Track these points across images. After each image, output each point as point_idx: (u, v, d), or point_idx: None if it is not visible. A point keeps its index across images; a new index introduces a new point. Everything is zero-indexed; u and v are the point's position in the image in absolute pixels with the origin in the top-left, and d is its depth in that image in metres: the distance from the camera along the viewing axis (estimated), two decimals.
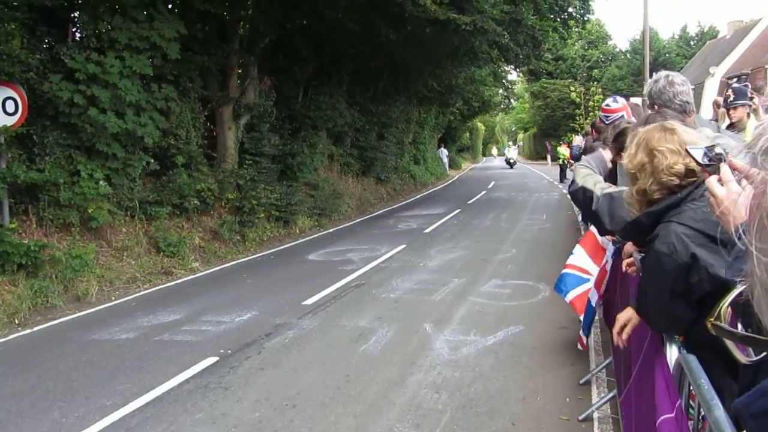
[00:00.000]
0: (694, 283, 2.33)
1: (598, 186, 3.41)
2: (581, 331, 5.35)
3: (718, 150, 1.59)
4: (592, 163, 3.71)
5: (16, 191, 9.70)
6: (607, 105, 6.17)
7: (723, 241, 2.20)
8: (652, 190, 2.51)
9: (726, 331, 0.82)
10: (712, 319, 0.87)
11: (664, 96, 3.81)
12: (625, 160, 2.65)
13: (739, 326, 1.03)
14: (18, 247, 8.73)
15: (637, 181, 2.57)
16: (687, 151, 1.78)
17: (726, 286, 2.05)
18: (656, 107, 3.92)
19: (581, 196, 3.59)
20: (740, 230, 0.52)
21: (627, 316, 2.89)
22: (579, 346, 5.52)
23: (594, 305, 5.21)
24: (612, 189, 3.40)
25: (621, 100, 6.20)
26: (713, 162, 1.59)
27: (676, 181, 2.46)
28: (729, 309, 0.97)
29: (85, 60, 10.35)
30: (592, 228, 5.17)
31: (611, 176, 4.36)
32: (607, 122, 6.00)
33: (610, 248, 4.90)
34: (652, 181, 2.51)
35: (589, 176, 3.51)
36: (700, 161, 1.66)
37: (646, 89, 3.82)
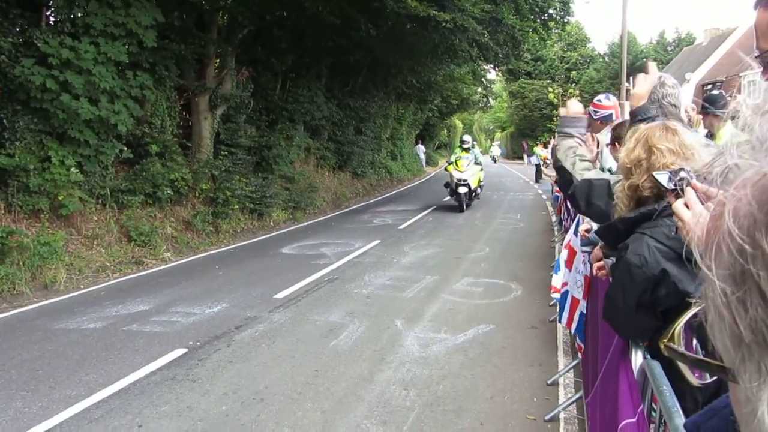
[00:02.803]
0: (662, 296, 2.35)
1: (578, 167, 3.37)
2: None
3: (682, 174, 1.60)
4: (569, 128, 3.61)
5: None
6: (599, 101, 6.16)
7: (690, 259, 2.23)
8: (644, 186, 2.47)
9: (679, 354, 0.82)
10: (665, 341, 0.87)
11: (653, 95, 3.86)
12: (622, 153, 2.60)
13: (695, 344, 1.03)
14: None
15: (631, 176, 2.54)
16: (652, 176, 1.78)
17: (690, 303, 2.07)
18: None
19: (561, 174, 3.55)
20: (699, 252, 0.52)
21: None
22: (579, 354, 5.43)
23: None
24: (591, 174, 3.36)
25: (613, 99, 6.20)
26: (678, 186, 1.60)
27: None
28: (683, 330, 0.98)
29: (59, 45, 10.16)
30: (573, 243, 5.13)
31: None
32: (595, 117, 6.04)
33: (580, 256, 4.90)
34: (645, 178, 2.46)
35: (569, 150, 3.46)
36: (665, 185, 1.67)
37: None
